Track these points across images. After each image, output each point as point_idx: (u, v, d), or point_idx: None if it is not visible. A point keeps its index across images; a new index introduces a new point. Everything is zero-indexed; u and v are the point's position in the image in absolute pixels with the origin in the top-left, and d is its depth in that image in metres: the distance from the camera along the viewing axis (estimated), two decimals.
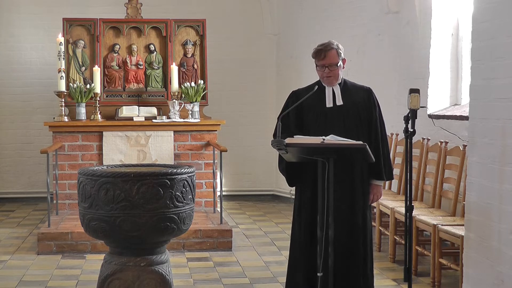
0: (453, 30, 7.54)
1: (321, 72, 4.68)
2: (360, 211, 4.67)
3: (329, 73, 4.64)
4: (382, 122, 4.76)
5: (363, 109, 4.69)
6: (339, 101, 4.68)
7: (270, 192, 10.61)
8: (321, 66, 4.65)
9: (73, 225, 7.26)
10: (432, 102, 7.51)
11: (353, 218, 4.65)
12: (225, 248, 7.16)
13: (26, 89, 10.16)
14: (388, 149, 4.81)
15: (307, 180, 4.66)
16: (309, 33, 9.80)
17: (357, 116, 4.67)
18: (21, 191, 10.25)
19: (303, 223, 4.72)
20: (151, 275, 4.50)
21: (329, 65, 4.63)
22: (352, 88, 4.76)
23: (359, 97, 4.71)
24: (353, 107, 4.68)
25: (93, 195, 4.40)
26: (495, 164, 4.56)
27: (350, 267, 4.64)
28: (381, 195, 4.83)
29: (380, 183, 4.80)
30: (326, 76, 4.66)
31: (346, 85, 4.75)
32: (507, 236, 4.43)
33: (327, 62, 4.63)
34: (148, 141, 8.20)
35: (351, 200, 4.64)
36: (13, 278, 6.07)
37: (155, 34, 8.91)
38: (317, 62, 4.67)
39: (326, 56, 4.62)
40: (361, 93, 4.75)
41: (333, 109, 4.67)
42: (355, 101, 4.69)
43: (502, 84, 4.51)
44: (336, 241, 4.37)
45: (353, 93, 4.72)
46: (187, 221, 4.57)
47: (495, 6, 4.60)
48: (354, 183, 4.66)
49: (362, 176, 4.69)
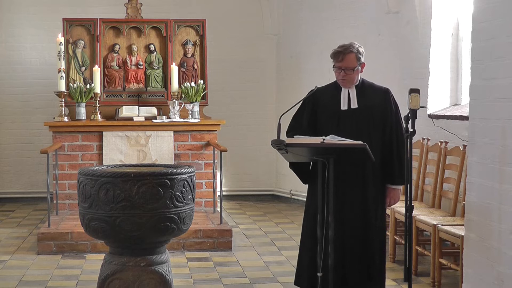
0: (453, 30, 7.54)
1: (337, 74, 4.65)
2: (372, 210, 4.65)
3: (345, 76, 4.61)
4: (399, 124, 4.66)
5: (378, 112, 4.66)
6: (353, 104, 4.64)
7: (270, 192, 10.61)
8: (337, 68, 4.63)
9: (73, 225, 7.26)
10: (432, 102, 7.51)
11: (365, 217, 4.63)
12: (225, 248, 7.15)
13: (26, 89, 10.16)
14: (403, 152, 4.55)
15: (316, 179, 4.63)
16: (309, 33, 9.80)
17: (370, 119, 4.63)
18: (21, 191, 10.24)
19: (309, 223, 4.74)
20: (151, 275, 4.50)
21: (346, 68, 4.60)
22: (369, 90, 4.72)
23: (375, 99, 4.68)
24: (367, 110, 4.64)
25: (93, 195, 4.40)
26: (495, 164, 4.56)
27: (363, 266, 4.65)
28: (398, 199, 4.79)
29: (397, 187, 4.74)
30: (341, 79, 4.64)
31: (363, 86, 4.71)
32: (507, 236, 4.43)
33: (344, 65, 4.59)
34: (148, 141, 8.20)
35: (362, 199, 4.62)
36: (13, 278, 6.07)
37: (155, 34, 8.91)
38: (334, 63, 4.64)
39: (344, 59, 4.59)
40: (378, 94, 4.72)
41: (347, 112, 4.65)
42: (370, 104, 4.65)
43: (502, 84, 4.51)
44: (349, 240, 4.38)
45: (370, 95, 4.69)
46: (187, 221, 4.57)
47: (495, 6, 4.59)
48: (366, 182, 4.63)
49: (374, 175, 4.66)
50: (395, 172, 4.63)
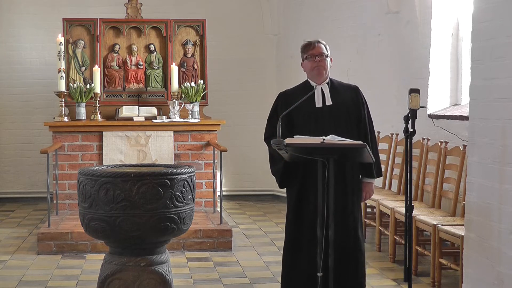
0: (453, 30, 7.54)
1: (311, 63, 4.67)
2: (350, 212, 4.68)
3: (319, 62, 4.64)
4: (370, 120, 4.79)
5: (352, 108, 4.71)
6: (328, 101, 4.68)
7: (270, 192, 10.61)
8: (311, 56, 4.67)
9: (73, 225, 7.26)
10: (432, 102, 7.51)
11: (344, 219, 4.65)
12: (225, 248, 7.16)
13: (26, 89, 10.16)
14: (377, 146, 4.90)
15: (295, 183, 4.71)
16: (309, 33, 9.78)
17: (346, 115, 4.69)
18: (21, 191, 10.25)
19: (291, 225, 4.77)
20: (151, 275, 4.50)
21: (319, 54, 4.64)
22: (339, 87, 4.77)
23: (347, 96, 4.73)
24: (342, 107, 4.69)
25: (93, 195, 4.40)
26: (495, 164, 4.56)
27: (342, 267, 4.64)
28: (373, 192, 4.85)
29: (372, 181, 4.82)
30: (317, 66, 4.65)
31: (333, 85, 4.76)
32: (507, 236, 4.43)
33: (317, 52, 4.65)
34: (148, 141, 8.20)
35: (342, 201, 4.63)
36: (13, 278, 6.07)
37: (155, 34, 8.91)
38: (306, 53, 4.69)
39: (316, 46, 4.67)
40: (349, 92, 4.77)
41: (323, 109, 4.68)
42: (343, 100, 4.70)
43: (502, 84, 4.51)
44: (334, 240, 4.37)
45: (341, 92, 4.74)
46: (187, 221, 4.58)
47: (495, 6, 4.59)
48: (346, 183, 4.66)
49: (353, 176, 4.70)
50: (372, 166, 4.66)
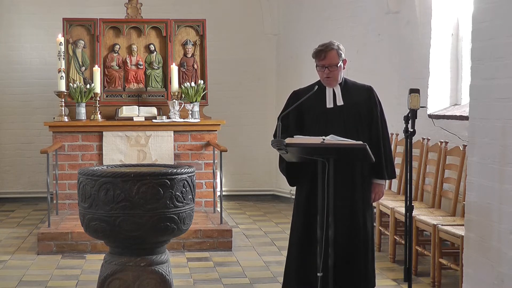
0: (453, 30, 7.54)
1: (321, 73, 4.68)
2: (360, 211, 4.66)
3: (329, 74, 4.63)
4: (384, 121, 4.75)
5: (364, 109, 4.69)
6: (339, 101, 4.68)
7: (270, 192, 10.61)
8: (321, 67, 4.66)
9: (73, 225, 7.26)
10: (432, 102, 7.51)
11: (353, 218, 4.65)
12: (225, 248, 7.16)
13: (26, 89, 10.16)
14: (390, 147, 4.83)
15: (304, 181, 4.68)
16: (309, 33, 9.80)
17: (357, 116, 4.67)
18: (21, 191, 10.25)
19: (298, 224, 4.74)
20: (151, 275, 4.50)
21: (329, 66, 4.62)
22: (352, 88, 4.76)
23: (359, 97, 4.71)
24: (353, 107, 4.67)
25: (93, 195, 4.40)
26: (495, 164, 4.56)
27: (350, 268, 4.64)
28: (383, 194, 4.82)
29: (382, 182, 4.78)
30: (326, 77, 4.66)
31: (346, 85, 4.75)
32: (507, 236, 4.43)
33: (327, 63, 4.62)
34: (148, 141, 8.20)
35: (351, 200, 4.64)
36: (13, 278, 6.07)
37: (155, 34, 8.91)
38: (317, 62, 4.67)
39: (326, 56, 4.62)
40: (362, 92, 4.75)
41: (334, 110, 4.67)
42: (355, 101, 4.69)
43: (502, 84, 4.51)
44: (336, 242, 4.36)
45: (354, 93, 4.72)
46: (187, 221, 4.58)
47: (495, 6, 4.59)
48: (355, 182, 4.66)
49: (363, 175, 4.69)
50: (383, 167, 4.65)
